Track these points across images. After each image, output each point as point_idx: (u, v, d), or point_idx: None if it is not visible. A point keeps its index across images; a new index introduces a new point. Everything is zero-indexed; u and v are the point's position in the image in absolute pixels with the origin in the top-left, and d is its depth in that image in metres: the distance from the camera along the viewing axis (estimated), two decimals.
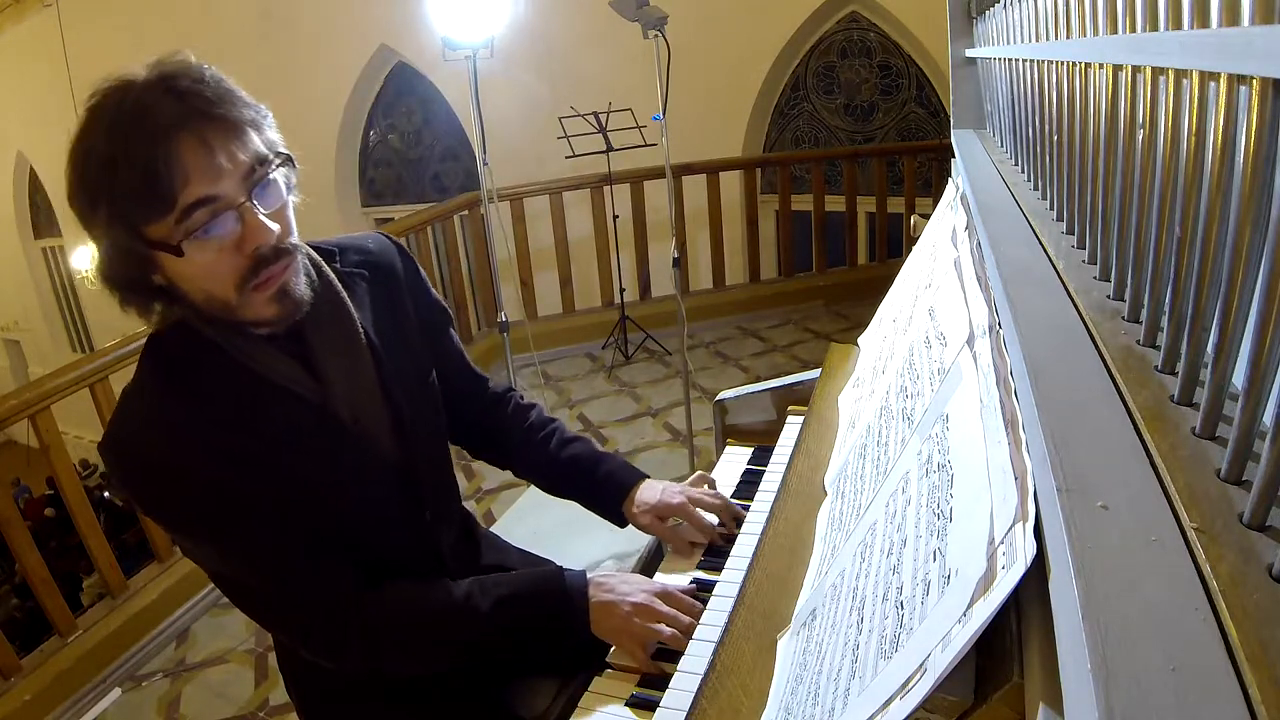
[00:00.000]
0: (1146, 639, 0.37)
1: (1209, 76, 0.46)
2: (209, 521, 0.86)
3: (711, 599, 1.00)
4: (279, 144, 0.85)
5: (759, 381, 1.45)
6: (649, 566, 1.13)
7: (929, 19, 4.70)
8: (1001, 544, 0.51)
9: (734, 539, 1.11)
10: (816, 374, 1.38)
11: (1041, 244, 0.88)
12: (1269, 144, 0.40)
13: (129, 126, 0.76)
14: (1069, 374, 0.60)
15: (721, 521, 1.14)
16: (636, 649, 0.93)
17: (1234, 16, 0.43)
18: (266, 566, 0.90)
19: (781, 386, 1.42)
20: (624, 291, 4.42)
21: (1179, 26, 0.52)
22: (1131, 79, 0.62)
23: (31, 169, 9.26)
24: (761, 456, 1.32)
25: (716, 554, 1.10)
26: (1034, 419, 0.55)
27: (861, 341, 1.33)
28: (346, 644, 0.92)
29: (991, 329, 0.76)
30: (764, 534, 1.00)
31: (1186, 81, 0.50)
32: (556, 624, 0.97)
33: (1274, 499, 0.42)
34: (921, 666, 0.51)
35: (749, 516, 1.16)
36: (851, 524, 0.82)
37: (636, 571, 1.14)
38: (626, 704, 0.89)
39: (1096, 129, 0.73)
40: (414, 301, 1.06)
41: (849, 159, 4.88)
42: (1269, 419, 0.43)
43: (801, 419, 1.28)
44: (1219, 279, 0.46)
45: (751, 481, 1.25)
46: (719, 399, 1.43)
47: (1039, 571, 0.48)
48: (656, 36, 2.56)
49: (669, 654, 0.92)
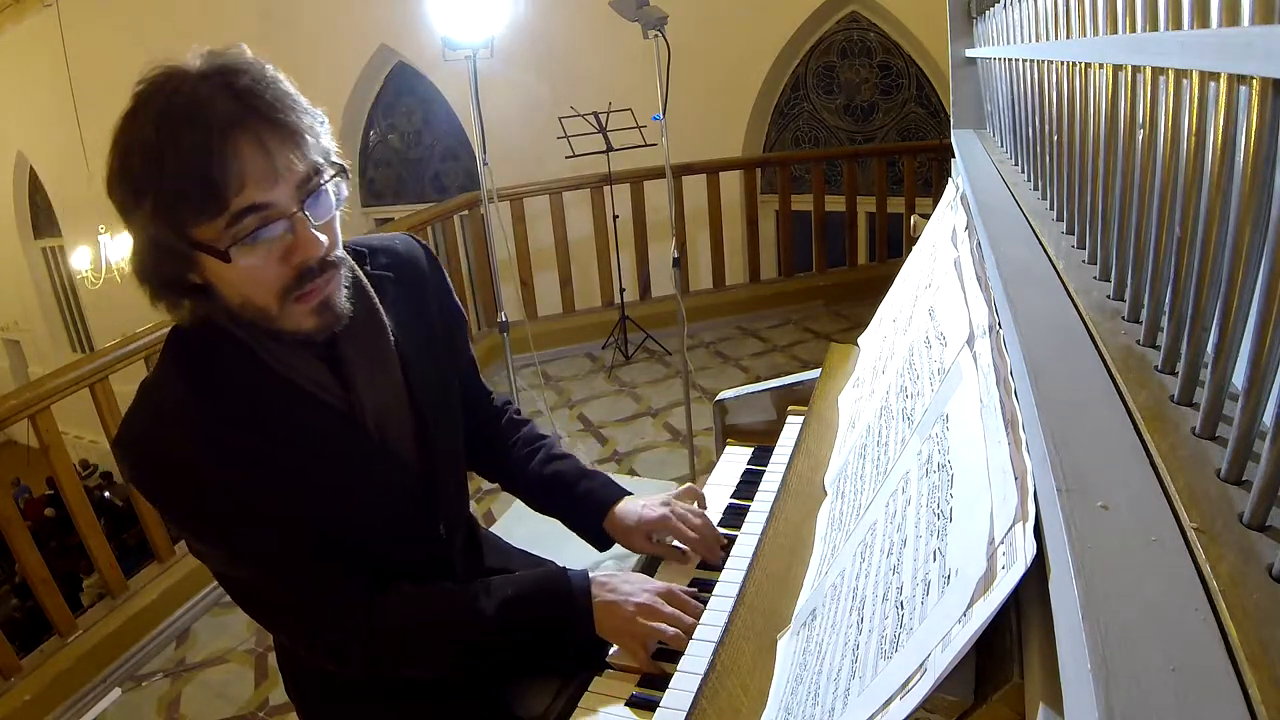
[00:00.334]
0: (1146, 639, 0.37)
1: (1209, 76, 0.46)
2: (220, 522, 0.85)
3: (711, 599, 1.00)
4: (334, 153, 0.82)
5: (759, 381, 1.45)
6: (649, 567, 1.13)
7: (929, 19, 4.70)
8: (1001, 544, 0.51)
9: (727, 551, 1.09)
10: (816, 374, 1.38)
11: (1041, 244, 0.88)
12: (1269, 144, 0.40)
13: (182, 120, 0.73)
14: (1069, 374, 0.60)
15: (698, 548, 1.09)
16: (639, 649, 0.93)
17: (1234, 16, 0.43)
18: (275, 570, 0.89)
19: (781, 386, 1.42)
20: (624, 291, 4.42)
21: (1179, 26, 0.52)
22: (1131, 79, 0.62)
23: (31, 169, 9.26)
24: (761, 456, 1.32)
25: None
26: (1034, 419, 0.55)
27: (861, 341, 1.33)
28: (352, 648, 0.92)
29: (991, 329, 0.76)
30: (764, 534, 1.00)
31: (1186, 81, 0.50)
32: (561, 624, 0.97)
33: (1274, 499, 0.42)
34: (921, 666, 0.51)
35: (749, 516, 1.16)
36: (851, 524, 0.82)
37: (637, 572, 1.14)
38: (626, 704, 0.89)
39: (1096, 129, 0.73)
40: (438, 306, 1.04)
41: (849, 159, 4.88)
42: (1269, 419, 0.43)
43: (801, 419, 1.28)
44: (1219, 279, 0.46)
45: (751, 481, 1.25)
46: (719, 399, 1.43)
47: (1039, 571, 0.48)
48: (656, 36, 2.56)
49: (669, 654, 0.92)
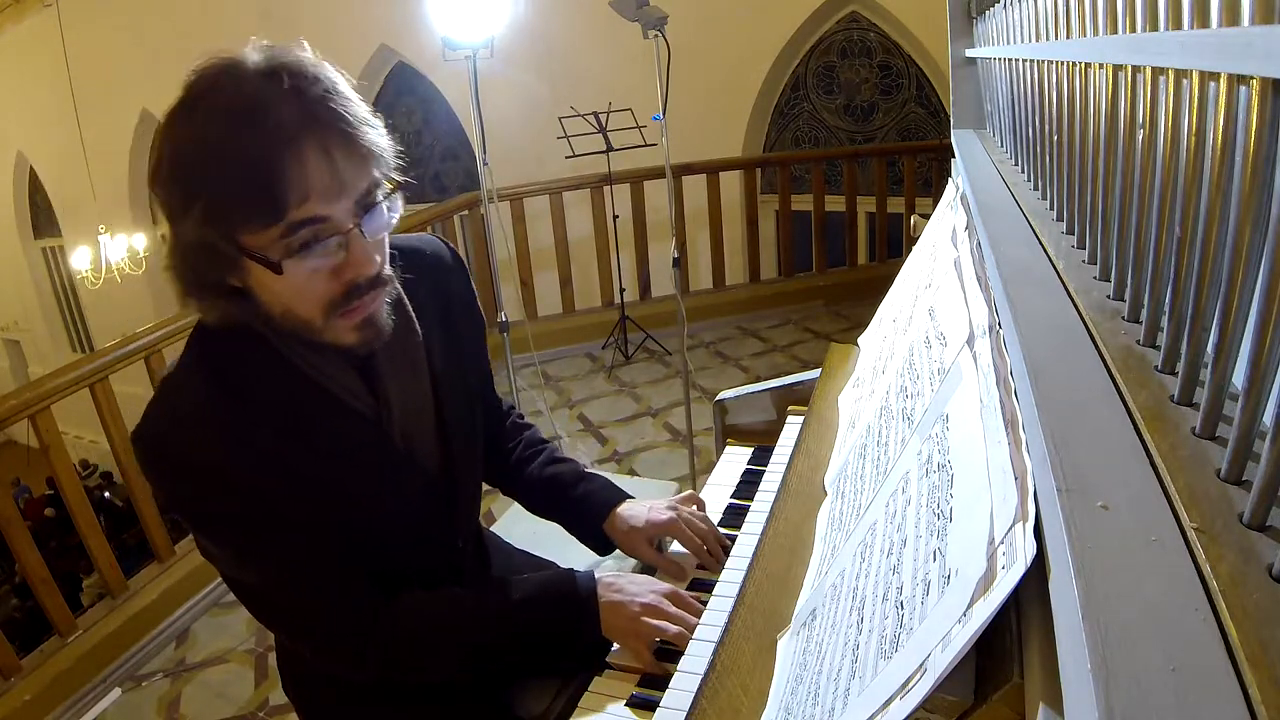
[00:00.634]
0: (1146, 639, 0.37)
1: (1209, 76, 0.46)
2: (236, 525, 0.83)
3: (711, 599, 1.00)
4: (393, 167, 0.80)
5: (759, 381, 1.45)
6: (649, 567, 1.13)
7: (929, 19, 4.70)
8: (1001, 544, 0.51)
9: (724, 563, 1.08)
10: (816, 374, 1.38)
11: (1041, 244, 0.88)
12: (1269, 144, 0.40)
13: (245, 121, 0.70)
14: (1069, 374, 0.60)
15: (707, 548, 1.09)
16: (642, 648, 0.93)
17: (1234, 16, 0.43)
18: (288, 575, 0.87)
19: (781, 386, 1.42)
20: (624, 291, 4.42)
21: (1179, 26, 0.52)
22: (1131, 79, 0.62)
23: (31, 169, 9.27)
24: (761, 456, 1.32)
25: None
26: (1034, 419, 0.55)
27: (861, 341, 1.33)
28: (364, 656, 0.91)
29: (991, 329, 0.76)
30: (764, 534, 1.00)
31: (1186, 81, 0.50)
32: (569, 626, 0.97)
33: (1274, 499, 0.42)
34: (921, 666, 0.51)
35: (749, 516, 1.16)
36: (851, 524, 0.82)
37: (637, 573, 1.14)
38: (626, 704, 0.89)
39: (1096, 129, 0.73)
40: (463, 310, 1.03)
41: (849, 159, 4.88)
42: (1269, 419, 0.43)
43: (801, 419, 1.28)
44: (1219, 279, 0.46)
45: (751, 481, 1.25)
46: (719, 399, 1.43)
47: (1039, 571, 0.48)
48: (656, 36, 2.56)
49: (670, 654, 0.92)
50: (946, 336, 0.86)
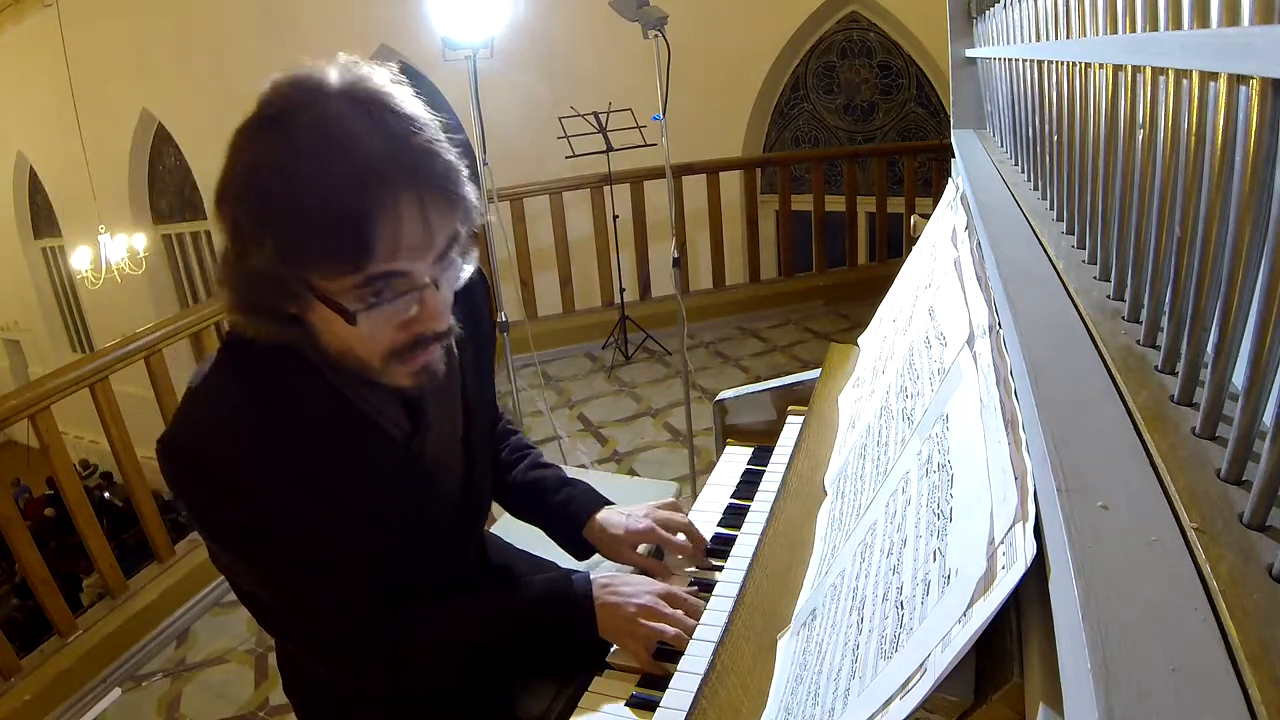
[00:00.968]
0: (1146, 639, 0.37)
1: (1209, 76, 0.46)
2: (259, 542, 0.81)
3: (711, 599, 1.00)
4: (476, 219, 0.76)
5: (759, 381, 1.45)
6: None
7: (929, 19, 4.70)
8: (1001, 544, 0.51)
9: (726, 551, 1.09)
10: (816, 374, 1.38)
11: (1041, 244, 0.88)
12: (1269, 144, 0.40)
13: (339, 163, 0.66)
14: (1069, 374, 0.60)
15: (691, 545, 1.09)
16: (640, 650, 0.93)
17: (1234, 16, 0.43)
18: (303, 595, 0.86)
19: (781, 386, 1.42)
20: (624, 291, 4.42)
21: (1179, 26, 0.52)
22: (1131, 79, 0.62)
23: (31, 169, 9.26)
24: (761, 456, 1.32)
25: (716, 554, 1.10)
26: (1034, 419, 0.55)
27: (861, 341, 1.33)
28: (371, 670, 0.91)
29: (991, 329, 0.76)
30: (764, 534, 1.00)
31: (1186, 81, 0.50)
32: (566, 628, 0.97)
33: (1274, 499, 0.42)
34: (921, 666, 0.51)
35: (749, 516, 1.16)
36: (851, 524, 0.82)
37: (635, 572, 1.14)
38: (626, 704, 0.88)
39: (1096, 129, 0.73)
40: (487, 329, 1.02)
41: (849, 159, 4.88)
42: (1269, 419, 0.43)
43: (801, 419, 1.28)
44: (1219, 279, 0.46)
45: (751, 481, 1.25)
46: (719, 399, 1.43)
47: (1039, 571, 0.48)
48: (656, 36, 2.56)
49: (669, 654, 0.92)
50: (946, 336, 0.86)
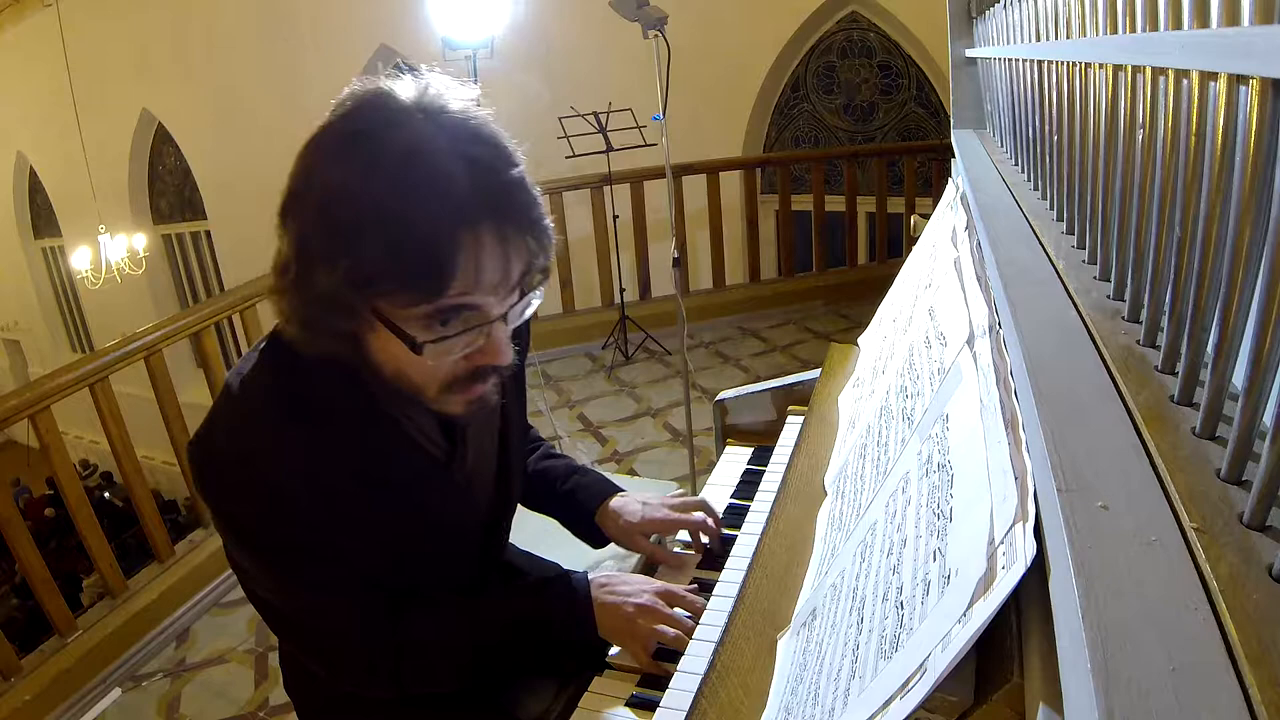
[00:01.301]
0: (1146, 639, 0.37)
1: (1209, 76, 0.46)
2: (285, 553, 0.80)
3: (711, 599, 1.00)
4: (551, 254, 0.75)
5: (759, 381, 1.45)
6: (649, 566, 1.13)
7: (929, 19, 4.70)
8: (1001, 544, 0.51)
9: (727, 551, 1.09)
10: (816, 374, 1.38)
11: (1041, 244, 0.88)
12: (1269, 144, 0.40)
13: (427, 194, 0.65)
14: (1069, 374, 0.60)
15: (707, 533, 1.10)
16: (639, 650, 0.93)
17: (1234, 16, 0.43)
18: (320, 604, 0.85)
19: (781, 386, 1.42)
20: (624, 291, 4.42)
21: (1179, 26, 0.52)
22: (1131, 79, 0.62)
23: (32, 169, 9.27)
24: (761, 456, 1.32)
25: (716, 555, 1.10)
26: (1034, 419, 0.55)
27: (861, 341, 1.33)
28: (377, 678, 0.91)
29: (991, 329, 0.76)
30: (764, 534, 1.00)
31: (1186, 81, 0.50)
32: (565, 628, 0.97)
33: (1274, 499, 0.42)
34: (921, 666, 0.51)
35: (749, 516, 1.16)
36: (851, 524, 0.82)
37: (637, 570, 1.13)
38: (626, 704, 0.88)
39: (1096, 129, 0.73)
40: (523, 347, 1.01)
41: (849, 159, 4.88)
42: (1269, 419, 0.43)
43: (801, 419, 1.27)
44: (1219, 279, 0.46)
45: (751, 481, 1.25)
46: (719, 399, 1.43)
47: (1039, 571, 0.48)
48: (656, 36, 2.56)
49: (669, 654, 0.92)
50: (946, 336, 0.86)
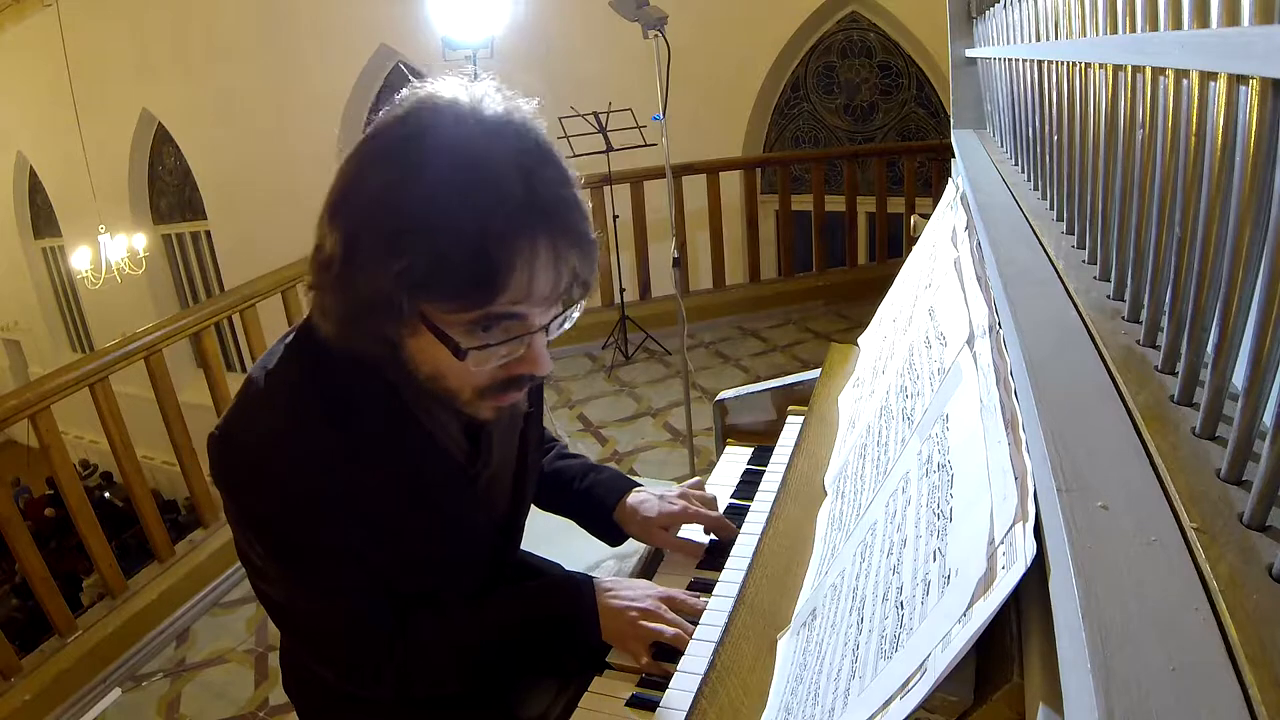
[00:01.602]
0: (1146, 639, 0.37)
1: (1209, 76, 0.46)
2: (303, 552, 0.80)
3: (711, 599, 1.00)
4: (593, 274, 0.76)
5: (759, 381, 1.45)
6: (649, 566, 1.13)
7: (929, 19, 4.70)
8: (1001, 544, 0.51)
9: (727, 551, 1.09)
10: (816, 374, 1.38)
11: (1041, 244, 0.88)
12: (1269, 144, 0.40)
13: (484, 203, 0.65)
14: (1069, 374, 0.60)
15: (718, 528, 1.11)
16: (642, 652, 0.93)
17: (1234, 16, 0.43)
18: (330, 605, 0.85)
19: (781, 386, 1.42)
20: (624, 291, 4.42)
21: (1179, 26, 0.52)
22: (1131, 79, 0.62)
23: (32, 169, 9.27)
24: (761, 456, 1.32)
25: (717, 554, 1.10)
26: (1034, 419, 0.55)
27: (861, 341, 1.33)
28: (382, 680, 0.91)
29: (991, 329, 0.76)
30: (764, 534, 1.00)
31: (1186, 81, 0.50)
32: (569, 631, 0.97)
33: (1274, 499, 0.42)
34: (921, 666, 0.51)
35: (749, 516, 1.16)
36: (851, 524, 0.82)
37: (637, 572, 1.14)
38: (626, 704, 0.88)
39: (1096, 129, 0.73)
40: None
41: (849, 159, 4.88)
42: (1269, 419, 0.43)
43: (801, 419, 1.27)
44: (1219, 279, 0.46)
45: (751, 481, 1.25)
46: (719, 399, 1.43)
47: (1039, 571, 0.48)
48: (656, 36, 2.56)
49: (669, 654, 0.92)
50: (946, 336, 0.86)
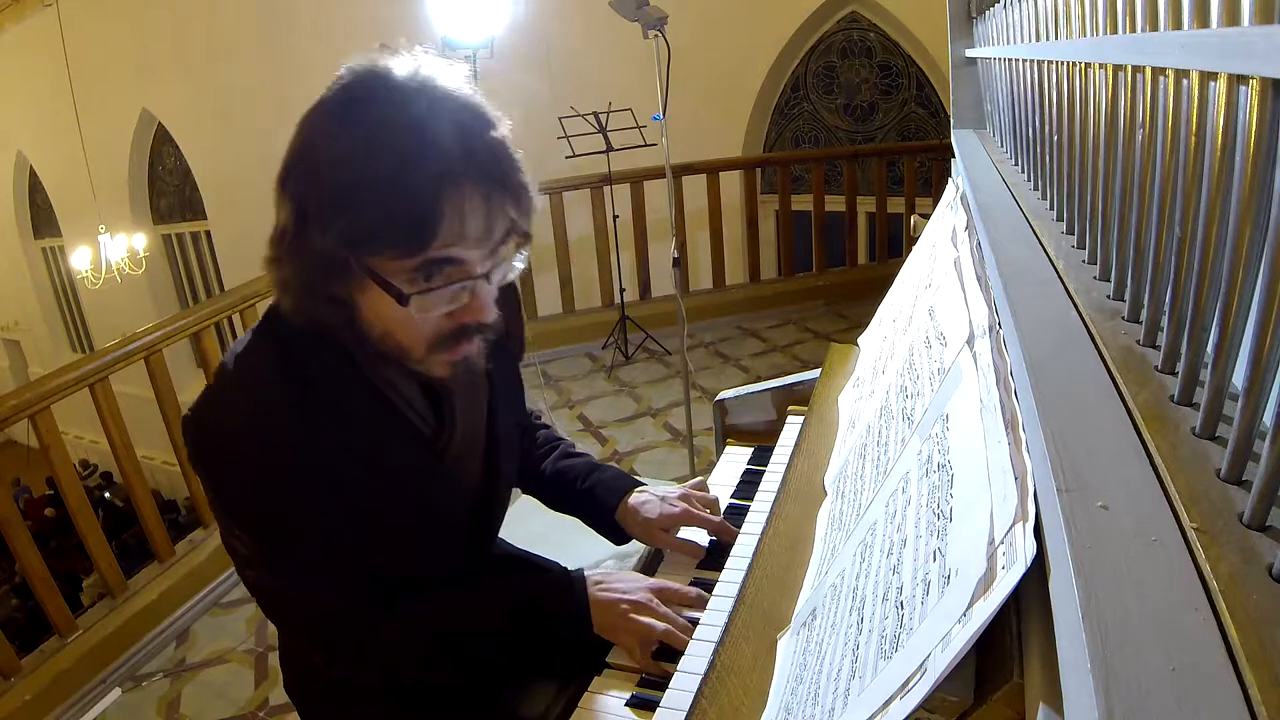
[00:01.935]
0: (1146, 639, 0.37)
1: (1209, 76, 0.46)
2: (277, 529, 0.81)
3: (711, 599, 1.00)
4: (532, 216, 0.79)
5: (759, 381, 1.45)
6: (650, 566, 1.13)
7: (929, 19, 4.70)
8: (1001, 544, 0.51)
9: (728, 551, 1.09)
10: (816, 374, 1.38)
11: (1041, 244, 0.88)
12: (1269, 144, 0.40)
13: (414, 153, 0.70)
14: (1069, 374, 0.60)
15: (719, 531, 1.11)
16: (635, 645, 0.93)
17: (1234, 16, 0.43)
18: (309, 582, 0.86)
19: (781, 386, 1.42)
20: (624, 291, 4.42)
21: (1179, 26, 0.52)
22: (1131, 79, 0.62)
23: (32, 169, 9.26)
24: (761, 456, 1.32)
25: (717, 554, 1.10)
26: (1034, 419, 0.55)
27: (861, 341, 1.33)
28: (366, 662, 0.91)
29: (991, 329, 0.76)
30: (764, 534, 1.00)
31: (1186, 81, 0.50)
32: (561, 624, 0.97)
33: (1274, 499, 0.42)
34: (921, 666, 0.51)
35: (749, 516, 1.16)
36: (851, 524, 0.82)
37: (636, 571, 1.14)
38: (627, 704, 0.89)
39: (1096, 129, 0.73)
40: (516, 336, 1.04)
41: (849, 159, 4.88)
42: (1269, 419, 0.43)
43: (801, 419, 1.28)
44: (1219, 279, 0.46)
45: (751, 481, 1.25)
46: (719, 399, 1.43)
47: (1039, 571, 0.48)
48: (656, 36, 2.56)
49: (669, 654, 0.92)
50: (946, 336, 0.86)
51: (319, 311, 0.78)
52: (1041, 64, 0.97)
